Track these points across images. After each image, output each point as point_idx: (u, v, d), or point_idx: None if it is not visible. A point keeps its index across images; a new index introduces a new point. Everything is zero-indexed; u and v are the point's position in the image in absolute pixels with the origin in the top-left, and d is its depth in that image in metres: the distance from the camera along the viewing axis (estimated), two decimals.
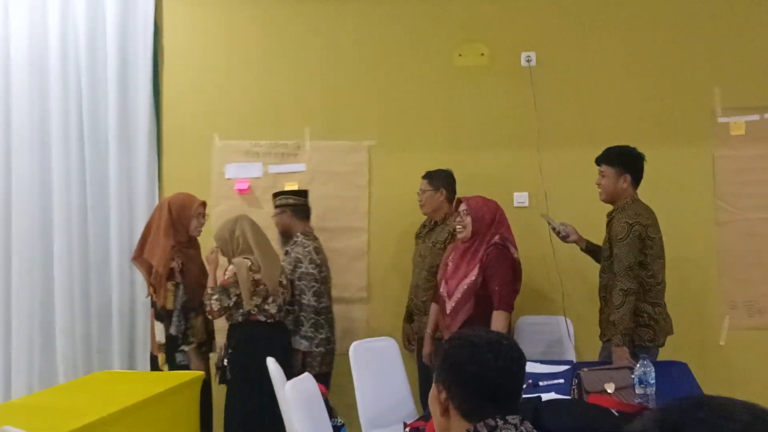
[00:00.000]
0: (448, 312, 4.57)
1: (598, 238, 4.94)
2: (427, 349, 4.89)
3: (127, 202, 5.75)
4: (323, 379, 4.91)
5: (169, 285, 4.82)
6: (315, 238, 5.22)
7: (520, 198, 5.51)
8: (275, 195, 5.33)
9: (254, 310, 4.79)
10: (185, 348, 4.79)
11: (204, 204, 5.08)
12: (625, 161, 4.50)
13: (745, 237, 5.35)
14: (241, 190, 5.77)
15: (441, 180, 5.19)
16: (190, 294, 4.88)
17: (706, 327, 5.38)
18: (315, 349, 5.01)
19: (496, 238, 4.56)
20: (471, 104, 5.63)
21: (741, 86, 5.39)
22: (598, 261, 4.75)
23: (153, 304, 4.92)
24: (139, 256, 4.97)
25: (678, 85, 5.45)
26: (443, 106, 5.66)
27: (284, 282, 4.92)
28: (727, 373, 5.33)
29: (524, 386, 2.23)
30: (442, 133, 5.66)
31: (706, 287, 5.39)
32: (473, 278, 4.49)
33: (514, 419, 2.10)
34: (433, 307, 4.85)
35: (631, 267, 4.32)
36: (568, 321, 5.25)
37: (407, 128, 5.68)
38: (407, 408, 4.67)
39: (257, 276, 4.78)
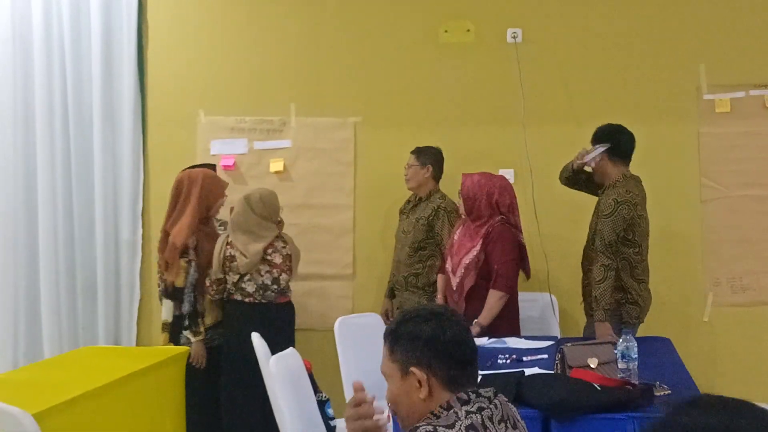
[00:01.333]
0: (454, 287, 4.61)
1: (584, 216, 4.96)
2: None
3: (112, 179, 5.72)
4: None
5: (182, 262, 4.79)
6: None
7: (506, 174, 5.45)
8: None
9: (232, 289, 4.79)
10: (192, 338, 4.74)
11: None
12: (600, 137, 4.54)
13: (729, 214, 5.37)
14: (226, 167, 5.75)
15: (429, 156, 5.19)
16: (201, 273, 4.86)
17: (690, 304, 5.42)
18: None
19: (500, 216, 4.58)
20: (457, 81, 5.62)
21: (726, 64, 5.40)
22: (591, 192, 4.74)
23: (161, 282, 4.89)
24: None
25: (663, 63, 5.45)
26: (429, 82, 5.64)
27: (276, 261, 4.85)
28: (711, 350, 5.37)
29: (507, 361, 2.26)
30: (428, 109, 5.64)
31: (690, 264, 5.41)
32: (474, 254, 4.53)
33: (487, 392, 2.11)
34: (440, 279, 4.87)
35: (611, 244, 4.35)
36: (553, 297, 5.27)
37: (393, 105, 5.67)
38: None
39: (231, 251, 4.78)
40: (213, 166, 5.41)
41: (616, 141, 4.53)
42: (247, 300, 4.82)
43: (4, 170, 5.72)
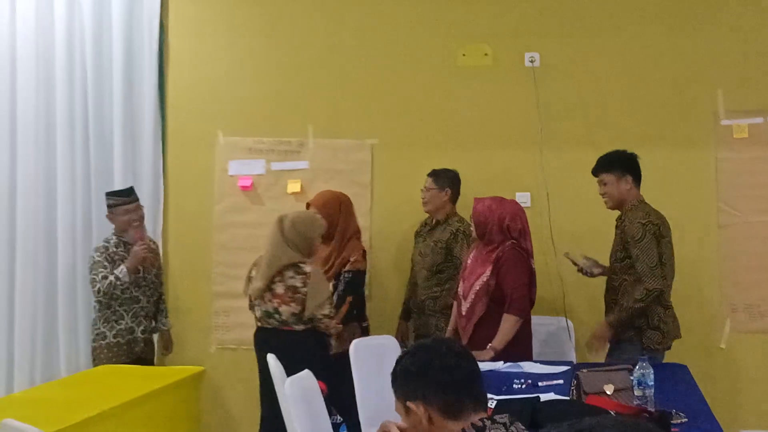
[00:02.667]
0: (463, 313, 4.60)
1: (600, 240, 4.96)
2: None
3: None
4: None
5: None
6: None
7: (522, 198, 5.50)
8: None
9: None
10: None
11: None
12: (621, 163, 4.53)
13: (747, 240, 5.35)
14: (243, 187, 5.78)
15: (447, 180, 5.20)
16: None
17: (708, 330, 5.38)
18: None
19: (512, 240, 4.57)
20: (474, 104, 5.64)
21: (744, 89, 5.39)
22: None
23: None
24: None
25: (681, 88, 5.45)
26: (446, 105, 5.67)
27: (277, 291, 4.68)
28: (728, 377, 5.33)
29: (522, 386, 2.25)
30: (445, 132, 5.66)
31: (707, 290, 5.39)
32: (485, 279, 4.52)
33: (502, 418, 2.12)
34: (454, 306, 4.86)
35: (656, 266, 4.34)
36: (569, 322, 5.25)
37: (410, 127, 5.69)
38: None
39: (254, 272, 4.81)
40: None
41: (634, 167, 4.53)
42: (258, 323, 4.81)
43: (25, 189, 5.77)
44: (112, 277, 5.11)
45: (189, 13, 5.90)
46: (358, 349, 4.59)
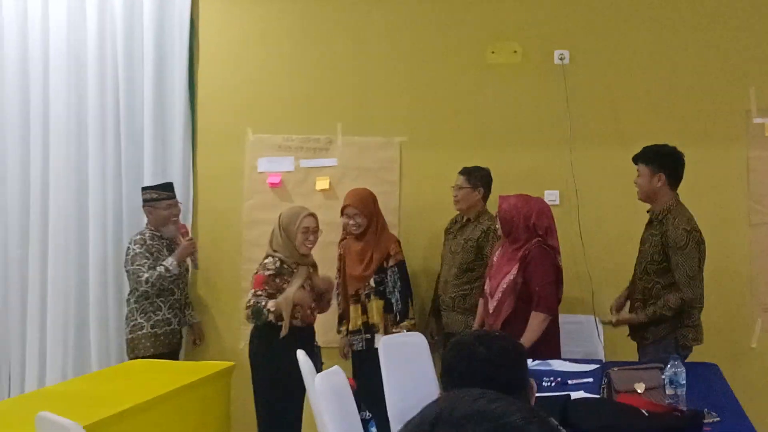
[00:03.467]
0: (491, 311, 4.60)
1: (629, 238, 4.94)
2: None
3: None
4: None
5: None
6: None
7: (551, 196, 5.49)
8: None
9: None
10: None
11: None
12: (659, 160, 4.45)
13: None
14: (272, 184, 5.81)
15: (480, 178, 5.20)
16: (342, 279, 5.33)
17: (738, 329, 5.35)
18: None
19: (538, 238, 4.56)
20: (503, 102, 5.64)
21: None
22: None
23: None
24: None
25: (712, 86, 5.42)
26: (475, 103, 5.67)
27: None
28: (759, 376, 5.29)
29: (552, 384, 2.23)
30: (474, 130, 5.66)
31: (738, 289, 5.35)
32: (512, 277, 4.51)
33: None
34: (481, 303, 4.86)
35: (695, 276, 4.30)
36: (598, 320, 5.23)
37: (439, 125, 5.70)
38: None
39: None
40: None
41: (672, 166, 4.47)
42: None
43: (56, 186, 5.84)
44: (161, 269, 5.20)
45: (219, 11, 5.94)
46: (387, 345, 4.60)
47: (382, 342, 4.62)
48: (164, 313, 5.27)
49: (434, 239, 5.59)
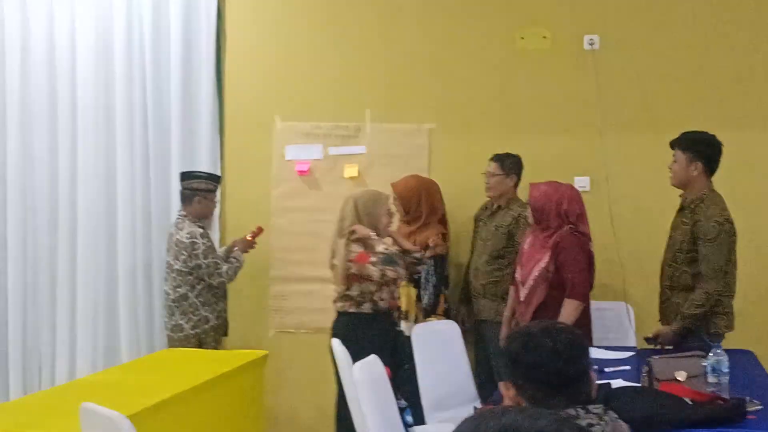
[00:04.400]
0: (522, 299, 4.58)
1: (660, 224, 4.90)
2: (504, 332, 4.87)
3: None
4: None
5: None
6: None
7: (582, 182, 5.45)
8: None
9: None
10: None
11: None
12: (697, 148, 4.40)
13: None
14: (301, 172, 5.80)
15: (512, 165, 5.19)
16: None
17: None
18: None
19: (567, 227, 4.53)
20: (532, 88, 5.60)
21: None
22: None
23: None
24: None
25: (745, 70, 5.36)
26: (504, 89, 5.63)
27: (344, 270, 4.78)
28: None
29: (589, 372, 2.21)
30: (503, 116, 5.63)
31: None
32: (544, 264, 4.48)
33: (596, 408, 2.10)
34: (511, 291, 4.85)
35: (720, 269, 4.25)
36: (629, 307, 5.21)
37: (468, 112, 5.66)
38: (468, 392, 4.69)
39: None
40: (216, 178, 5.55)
41: (709, 156, 4.42)
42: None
43: (85, 174, 5.85)
44: (237, 265, 5.27)
45: None
46: (420, 333, 4.60)
47: (415, 330, 4.63)
48: (222, 304, 5.30)
49: (463, 226, 5.57)
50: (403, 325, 4.95)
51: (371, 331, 4.74)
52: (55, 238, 5.91)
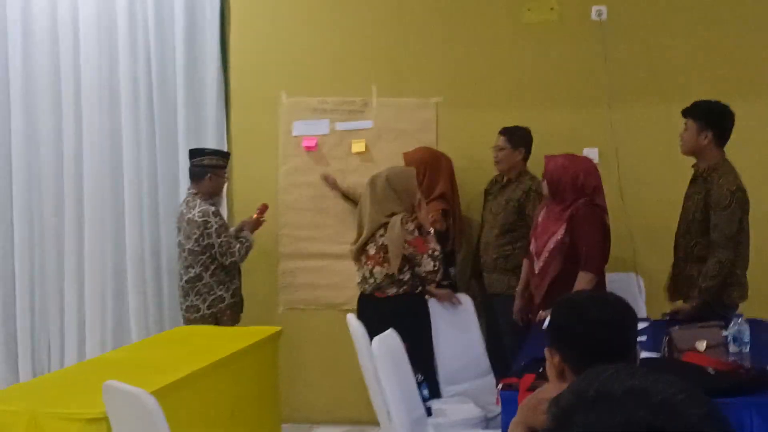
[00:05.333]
0: (537, 271, 4.58)
1: (671, 195, 4.90)
2: (517, 305, 4.88)
3: None
4: None
5: None
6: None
7: (590, 154, 5.42)
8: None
9: None
10: None
11: None
12: (709, 117, 4.38)
13: None
14: (308, 147, 5.78)
15: (521, 138, 5.16)
16: None
17: None
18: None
19: (583, 200, 4.52)
20: (540, 60, 5.56)
21: None
22: None
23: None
24: None
25: (753, 40, 5.34)
26: (511, 62, 5.60)
27: (370, 252, 4.67)
28: None
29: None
30: (511, 89, 5.60)
31: None
32: (560, 237, 4.48)
33: None
34: (525, 264, 4.84)
35: (732, 237, 4.24)
36: (640, 278, 5.22)
37: (475, 85, 5.63)
38: (482, 365, 4.70)
39: None
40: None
41: (720, 125, 4.41)
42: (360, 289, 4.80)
43: (90, 151, 5.82)
44: (248, 244, 5.25)
45: None
46: (434, 307, 4.61)
47: (429, 304, 4.62)
48: (236, 282, 5.28)
49: (472, 200, 5.56)
50: None
51: (425, 309, 4.66)
52: (61, 219, 5.88)
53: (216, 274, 5.16)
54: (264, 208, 5.45)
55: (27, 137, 5.88)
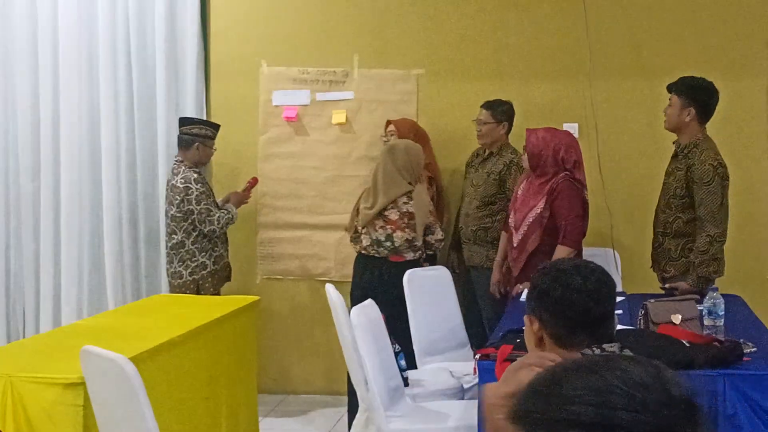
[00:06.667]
0: (515, 244, 4.60)
1: (650, 171, 4.94)
2: (495, 277, 4.91)
3: (175, 130, 5.71)
4: None
5: None
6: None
7: (571, 128, 5.40)
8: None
9: (354, 239, 5.03)
10: None
11: None
12: (692, 93, 4.39)
13: None
14: (288, 118, 5.75)
15: (504, 113, 5.17)
16: None
17: (756, 261, 5.37)
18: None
19: (566, 172, 4.54)
20: (521, 33, 5.56)
21: None
22: None
23: None
24: None
25: (733, 15, 5.36)
26: (493, 35, 5.58)
27: (391, 217, 4.81)
28: None
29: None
30: (492, 62, 5.59)
31: (757, 221, 5.37)
32: (539, 210, 4.50)
33: (612, 347, 2.12)
34: (503, 236, 4.87)
35: (718, 211, 4.27)
36: (616, 253, 5.25)
37: (456, 57, 5.62)
38: (459, 337, 4.72)
39: (360, 203, 4.97)
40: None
41: (703, 102, 4.42)
42: (362, 252, 4.90)
43: (68, 120, 5.75)
44: (229, 216, 5.21)
45: None
46: (412, 279, 4.61)
47: (406, 276, 4.63)
48: (219, 249, 5.26)
49: (452, 172, 5.57)
50: None
51: None
52: (37, 185, 5.82)
53: (198, 241, 5.16)
54: (254, 182, 5.44)
55: (4, 102, 5.82)
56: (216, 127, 5.40)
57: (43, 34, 5.76)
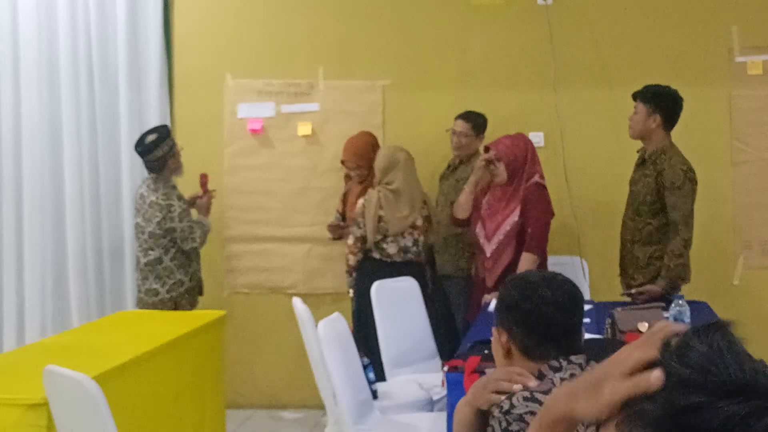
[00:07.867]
0: (488, 254, 4.56)
1: (615, 178, 4.96)
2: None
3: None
4: None
5: None
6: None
7: (536, 138, 5.44)
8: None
9: (373, 248, 4.91)
10: None
11: None
12: (657, 101, 4.43)
13: (760, 177, 5.37)
14: (253, 130, 5.72)
15: (481, 126, 5.22)
16: None
17: (721, 267, 5.42)
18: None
19: (536, 177, 4.54)
20: (487, 43, 5.58)
21: (759, 25, 5.36)
22: None
23: None
24: None
25: (696, 24, 5.41)
26: (459, 45, 5.60)
27: (419, 223, 4.94)
28: (742, 313, 5.35)
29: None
30: (458, 72, 5.60)
31: (721, 227, 5.41)
32: (515, 219, 4.48)
33: (578, 359, 2.11)
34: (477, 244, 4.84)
35: (690, 215, 4.32)
36: (584, 261, 5.27)
37: (422, 68, 5.62)
38: (428, 348, 4.71)
39: (381, 213, 4.85)
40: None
41: (668, 109, 4.45)
42: (386, 259, 4.91)
43: (30, 133, 5.66)
44: (206, 228, 5.15)
45: None
46: (379, 290, 4.59)
47: (374, 287, 4.61)
48: (194, 265, 5.18)
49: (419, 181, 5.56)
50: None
51: None
52: None
53: (176, 258, 5.07)
54: (205, 179, 5.32)
55: None
56: (166, 129, 5.26)
57: (4, 47, 5.67)
